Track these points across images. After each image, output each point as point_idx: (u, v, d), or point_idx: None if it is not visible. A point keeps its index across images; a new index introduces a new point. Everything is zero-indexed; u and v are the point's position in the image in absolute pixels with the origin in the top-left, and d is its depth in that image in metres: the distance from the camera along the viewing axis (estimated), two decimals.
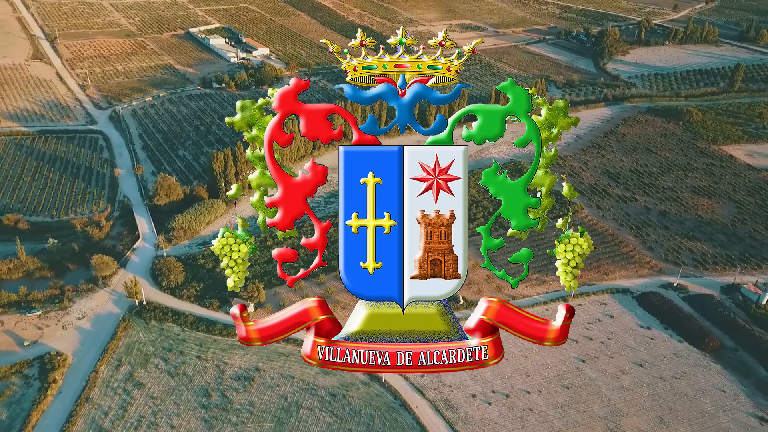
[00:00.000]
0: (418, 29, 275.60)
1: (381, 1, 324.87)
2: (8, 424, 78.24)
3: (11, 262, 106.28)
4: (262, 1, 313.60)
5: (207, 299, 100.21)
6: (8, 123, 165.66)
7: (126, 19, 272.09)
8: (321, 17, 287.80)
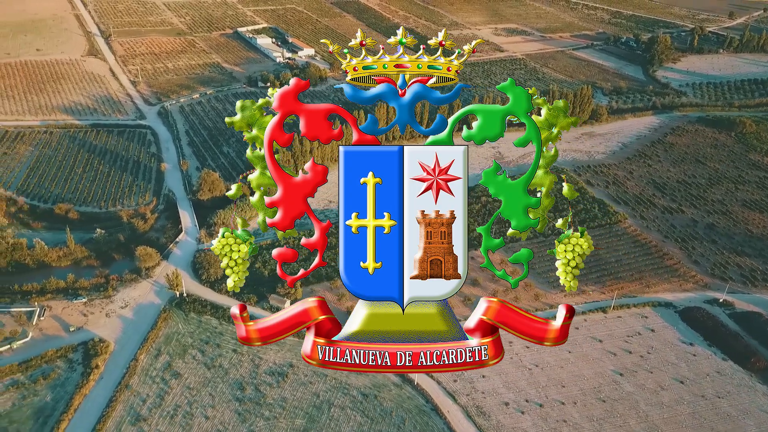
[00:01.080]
0: (462, 33, 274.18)
1: (427, 3, 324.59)
2: (52, 405, 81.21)
3: (61, 250, 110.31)
4: (309, 2, 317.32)
5: (245, 294, 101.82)
6: (63, 116, 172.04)
7: (177, 17, 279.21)
8: (366, 19, 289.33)
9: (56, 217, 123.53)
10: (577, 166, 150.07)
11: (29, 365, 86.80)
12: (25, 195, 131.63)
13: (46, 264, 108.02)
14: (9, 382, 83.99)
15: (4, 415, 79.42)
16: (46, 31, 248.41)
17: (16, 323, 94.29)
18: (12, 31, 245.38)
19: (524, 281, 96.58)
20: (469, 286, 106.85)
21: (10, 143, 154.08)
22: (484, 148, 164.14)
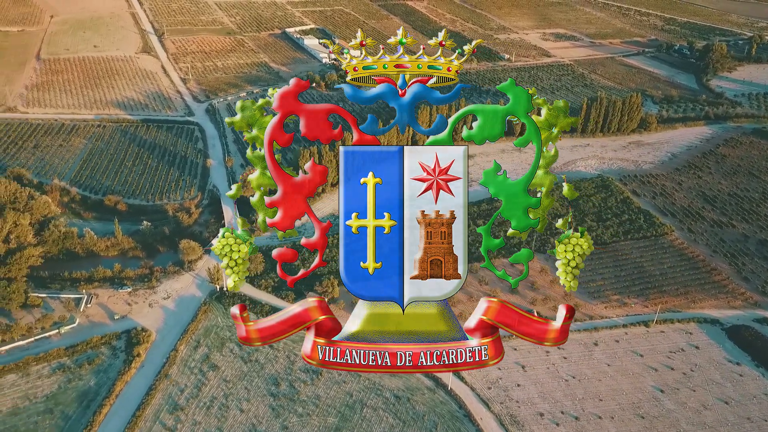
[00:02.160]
0: (510, 37, 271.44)
1: (474, 7, 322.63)
2: (96, 390, 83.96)
3: (109, 240, 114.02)
4: (356, 4, 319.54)
5: (283, 290, 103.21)
6: (116, 111, 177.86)
7: (228, 17, 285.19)
8: (413, 21, 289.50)
9: (106, 208, 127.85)
10: (623, 176, 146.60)
11: (75, 350, 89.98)
12: (78, 186, 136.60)
13: (95, 253, 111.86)
14: (56, 366, 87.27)
15: (50, 396, 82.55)
16: (104, 28, 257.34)
17: (64, 309, 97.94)
18: (72, 27, 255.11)
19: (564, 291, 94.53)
20: (507, 293, 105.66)
21: (65, 135, 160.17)
22: (528, 154, 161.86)
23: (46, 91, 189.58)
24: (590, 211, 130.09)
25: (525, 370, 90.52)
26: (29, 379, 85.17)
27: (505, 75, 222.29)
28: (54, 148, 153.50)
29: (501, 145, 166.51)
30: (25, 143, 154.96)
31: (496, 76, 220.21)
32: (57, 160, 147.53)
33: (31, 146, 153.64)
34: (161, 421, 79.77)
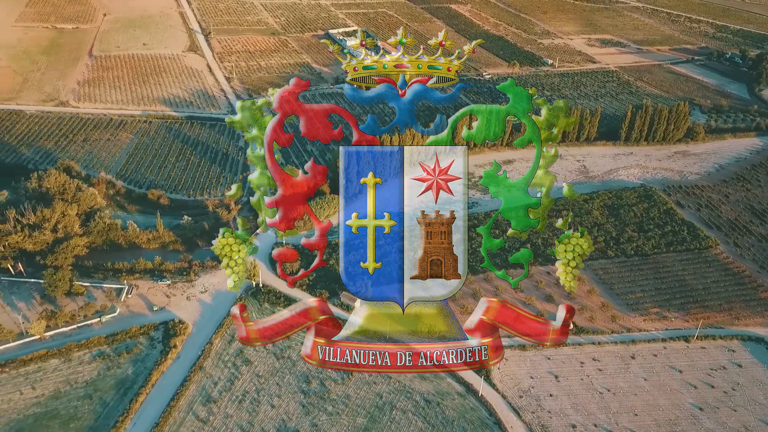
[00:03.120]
0: (554, 42, 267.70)
1: (519, 11, 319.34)
2: (133, 378, 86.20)
3: (151, 233, 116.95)
4: (400, 7, 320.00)
5: (317, 289, 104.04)
6: (162, 107, 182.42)
7: (273, 18, 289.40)
8: (456, 25, 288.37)
9: (149, 201, 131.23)
10: (667, 186, 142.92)
11: (115, 339, 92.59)
12: (123, 179, 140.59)
13: (137, 245, 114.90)
14: (96, 353, 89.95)
15: (90, 382, 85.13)
16: (153, 27, 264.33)
17: (106, 298, 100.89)
18: (123, 26, 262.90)
19: (601, 301, 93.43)
20: (544, 302, 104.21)
21: (113, 130, 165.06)
22: (568, 161, 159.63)
23: (96, 86, 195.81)
24: (631, 221, 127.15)
25: (558, 380, 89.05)
26: (71, 364, 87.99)
27: (548, 81, 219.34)
28: (102, 142, 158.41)
29: None
30: (75, 136, 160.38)
31: (539, 82, 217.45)
32: (104, 153, 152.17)
33: (81, 140, 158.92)
34: (194, 412, 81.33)
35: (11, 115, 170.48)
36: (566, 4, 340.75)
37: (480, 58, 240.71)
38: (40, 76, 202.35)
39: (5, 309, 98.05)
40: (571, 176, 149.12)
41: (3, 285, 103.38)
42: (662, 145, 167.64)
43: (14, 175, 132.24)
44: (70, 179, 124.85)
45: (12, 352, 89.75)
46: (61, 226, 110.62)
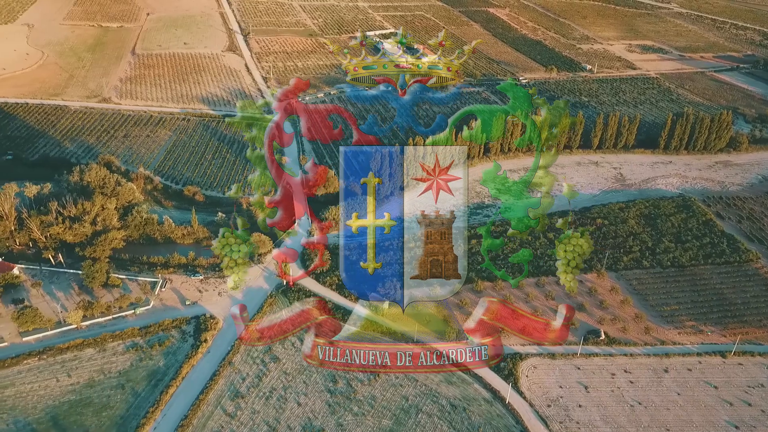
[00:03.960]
0: (594, 47, 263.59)
1: (558, 16, 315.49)
2: (164, 370, 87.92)
3: (186, 228, 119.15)
4: (437, 10, 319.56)
5: (347, 289, 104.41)
6: (200, 105, 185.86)
7: (311, 19, 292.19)
8: (493, 29, 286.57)
9: (185, 198, 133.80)
10: (707, 196, 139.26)
11: (148, 331, 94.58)
12: (161, 175, 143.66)
13: (172, 240, 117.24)
14: (130, 344, 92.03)
15: (123, 373, 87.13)
16: (194, 26, 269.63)
17: (141, 291, 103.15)
18: (165, 25, 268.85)
19: (635, 312, 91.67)
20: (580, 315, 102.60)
21: (153, 127, 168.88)
22: (604, 168, 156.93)
23: (138, 84, 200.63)
24: (668, 232, 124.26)
25: (588, 391, 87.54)
26: (105, 354, 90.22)
27: (585, 86, 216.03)
28: (141, 138, 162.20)
29: (577, 158, 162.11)
30: (116, 132, 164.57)
31: (577, 87, 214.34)
32: (143, 149, 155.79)
33: (121, 135, 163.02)
34: (222, 406, 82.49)
35: (56, 110, 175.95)
36: (607, 9, 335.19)
37: (517, 63, 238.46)
38: (85, 73, 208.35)
39: (45, 298, 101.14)
40: (607, 183, 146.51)
41: (44, 274, 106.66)
42: (703, 155, 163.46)
43: (58, 168, 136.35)
44: (110, 174, 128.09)
45: (50, 340, 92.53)
46: (100, 219, 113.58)
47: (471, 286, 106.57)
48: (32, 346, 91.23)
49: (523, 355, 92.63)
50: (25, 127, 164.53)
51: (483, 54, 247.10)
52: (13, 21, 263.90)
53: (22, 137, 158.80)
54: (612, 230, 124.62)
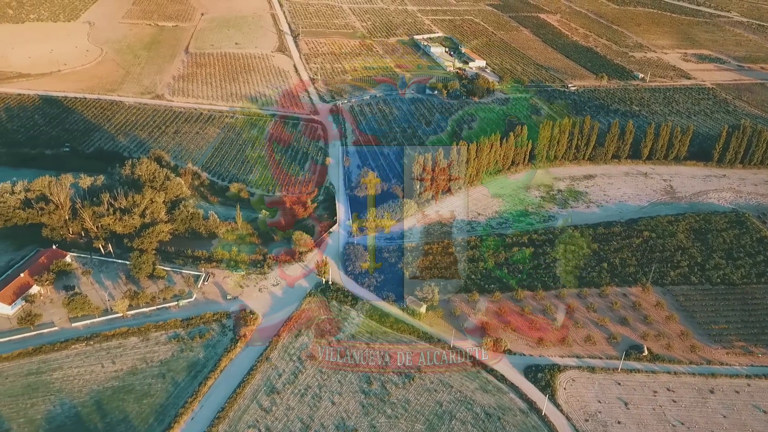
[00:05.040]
0: (647, 56, 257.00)
1: (611, 23, 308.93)
2: (203, 362, 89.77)
3: (230, 224, 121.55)
4: (487, 14, 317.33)
5: (384, 291, 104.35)
6: (248, 104, 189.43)
7: (360, 22, 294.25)
8: (543, 35, 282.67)
9: (230, 194, 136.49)
10: (763, 213, 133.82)
11: (190, 323, 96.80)
12: (208, 171, 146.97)
13: (216, 235, 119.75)
14: (172, 335, 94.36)
15: (164, 362, 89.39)
16: (246, 27, 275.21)
17: (184, 284, 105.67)
18: (218, 25, 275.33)
19: (681, 329, 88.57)
20: (617, 324, 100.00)
21: (202, 124, 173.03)
22: (654, 180, 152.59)
23: (190, 82, 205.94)
24: (719, 248, 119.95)
25: (628, 408, 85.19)
26: (148, 344, 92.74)
27: (637, 95, 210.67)
28: (191, 134, 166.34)
29: (625, 168, 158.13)
30: (167, 128, 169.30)
31: (628, 96, 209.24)
32: (192, 146, 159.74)
33: (172, 132, 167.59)
34: (258, 401, 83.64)
35: (112, 106, 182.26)
36: (662, 16, 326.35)
37: (566, 69, 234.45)
38: (140, 70, 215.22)
39: (94, 286, 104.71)
40: (656, 196, 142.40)
41: (94, 263, 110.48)
42: (759, 169, 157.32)
43: (111, 161, 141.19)
44: (160, 168, 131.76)
45: (97, 327, 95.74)
46: (149, 212, 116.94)
47: (511, 294, 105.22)
48: (80, 332, 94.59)
49: (562, 366, 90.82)
50: (82, 120, 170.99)
51: (531, 60, 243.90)
52: (76, 19, 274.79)
53: (79, 130, 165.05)
54: (659, 244, 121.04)
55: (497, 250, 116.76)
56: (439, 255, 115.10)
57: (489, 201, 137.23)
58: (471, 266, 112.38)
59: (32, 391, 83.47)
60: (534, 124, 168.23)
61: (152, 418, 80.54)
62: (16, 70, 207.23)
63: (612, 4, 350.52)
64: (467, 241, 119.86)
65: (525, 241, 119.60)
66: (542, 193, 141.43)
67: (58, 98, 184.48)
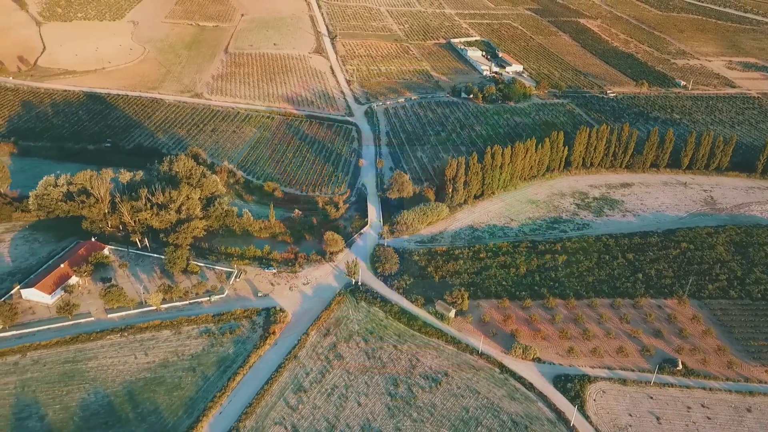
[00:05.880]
0: (690, 63, 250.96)
1: (653, 29, 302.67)
2: (233, 358, 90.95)
3: (263, 222, 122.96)
4: (525, 19, 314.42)
5: (413, 294, 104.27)
6: (285, 104, 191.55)
7: (397, 25, 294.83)
8: (583, 40, 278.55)
9: (264, 193, 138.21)
10: None
11: (221, 318, 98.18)
12: (244, 170, 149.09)
13: (249, 233, 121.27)
14: (203, 329, 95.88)
15: (195, 356, 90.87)
16: (285, 28, 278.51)
17: (217, 280, 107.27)
18: (258, 26, 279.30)
19: (718, 344, 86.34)
20: (651, 336, 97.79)
21: (239, 123, 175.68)
22: (693, 190, 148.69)
23: (228, 81, 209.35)
24: (761, 262, 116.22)
25: (660, 423, 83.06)
26: (180, 337, 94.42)
27: (678, 103, 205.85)
28: (228, 133, 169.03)
29: (664, 177, 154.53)
30: (205, 126, 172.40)
31: (668, 104, 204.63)
32: (229, 144, 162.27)
33: (209, 130, 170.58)
34: (285, 398, 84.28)
35: (153, 103, 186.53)
36: (707, 23, 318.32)
37: (605, 75, 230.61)
38: (181, 69, 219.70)
39: (129, 279, 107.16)
40: (696, 206, 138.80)
41: (130, 256, 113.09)
42: None
43: (150, 157, 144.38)
44: (197, 165, 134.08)
45: (132, 319, 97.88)
46: (185, 208, 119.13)
47: (542, 302, 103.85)
48: (115, 323, 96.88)
49: (592, 377, 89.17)
50: (123, 117, 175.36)
51: (569, 65, 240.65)
52: (121, 18, 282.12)
53: (121, 126, 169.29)
54: (697, 256, 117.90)
55: (529, 257, 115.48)
56: (470, 260, 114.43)
57: (522, 207, 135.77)
58: (502, 272, 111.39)
59: (68, 379, 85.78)
60: (571, 131, 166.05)
61: (181, 411, 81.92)
62: (63, 67, 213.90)
63: (655, 10, 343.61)
64: (498, 246, 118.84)
65: (558, 249, 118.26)
66: (577, 200, 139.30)
67: (101, 95, 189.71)
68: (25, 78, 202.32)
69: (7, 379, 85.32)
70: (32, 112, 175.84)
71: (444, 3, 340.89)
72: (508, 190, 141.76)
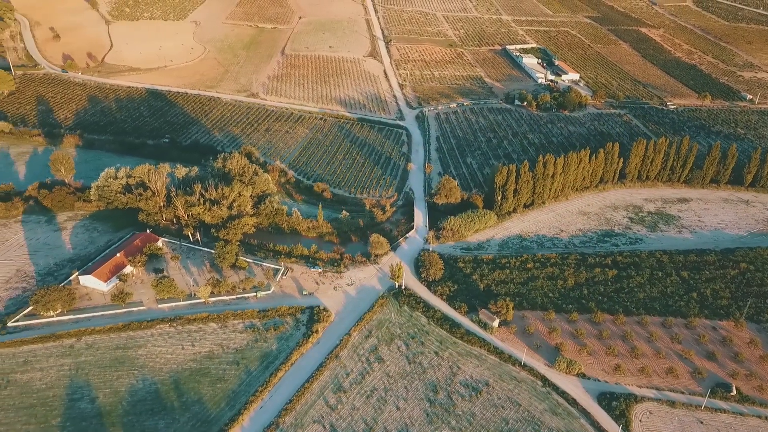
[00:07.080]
0: (757, 76, 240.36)
1: (719, 39, 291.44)
2: (276, 354, 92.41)
3: (311, 222, 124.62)
4: (584, 26, 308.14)
5: (457, 301, 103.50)
6: (337, 107, 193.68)
7: (452, 30, 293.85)
8: (644, 50, 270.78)
9: (314, 193, 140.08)
10: None
11: (266, 315, 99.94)
12: (295, 170, 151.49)
13: (297, 232, 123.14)
14: (248, 324, 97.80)
15: (239, 350, 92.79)
16: (340, 31, 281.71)
17: (264, 276, 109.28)
18: (314, 28, 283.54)
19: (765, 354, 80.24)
20: (703, 358, 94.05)
21: (292, 124, 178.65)
22: (756, 209, 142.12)
23: (283, 82, 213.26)
24: None
25: None
26: (226, 331, 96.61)
27: (743, 117, 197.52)
28: (281, 133, 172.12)
29: (724, 194, 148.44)
30: (259, 126, 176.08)
31: (733, 118, 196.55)
32: (281, 144, 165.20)
33: (263, 129, 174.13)
34: (325, 397, 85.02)
35: (210, 101, 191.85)
36: None
37: (666, 86, 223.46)
38: (239, 69, 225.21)
39: (180, 271, 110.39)
40: (758, 226, 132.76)
41: (182, 249, 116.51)
42: None
43: (205, 154, 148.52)
44: (250, 163, 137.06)
45: (180, 310, 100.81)
46: (236, 205, 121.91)
47: (589, 316, 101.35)
48: (165, 313, 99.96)
49: (639, 397, 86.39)
50: (182, 114, 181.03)
51: (628, 75, 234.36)
52: (184, 18, 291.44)
53: (179, 123, 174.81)
54: (758, 277, 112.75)
55: (578, 270, 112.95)
56: (517, 269, 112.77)
57: (573, 218, 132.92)
58: (549, 284, 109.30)
59: (118, 365, 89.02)
60: (627, 142, 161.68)
61: (224, 403, 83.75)
62: (128, 64, 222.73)
63: (722, 20, 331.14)
64: (547, 257, 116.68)
65: (608, 263, 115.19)
66: (630, 214, 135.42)
67: (162, 92, 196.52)
68: (93, 74, 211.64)
69: (63, 360, 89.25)
70: (97, 106, 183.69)
71: (501, 9, 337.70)
72: (559, 201, 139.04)
